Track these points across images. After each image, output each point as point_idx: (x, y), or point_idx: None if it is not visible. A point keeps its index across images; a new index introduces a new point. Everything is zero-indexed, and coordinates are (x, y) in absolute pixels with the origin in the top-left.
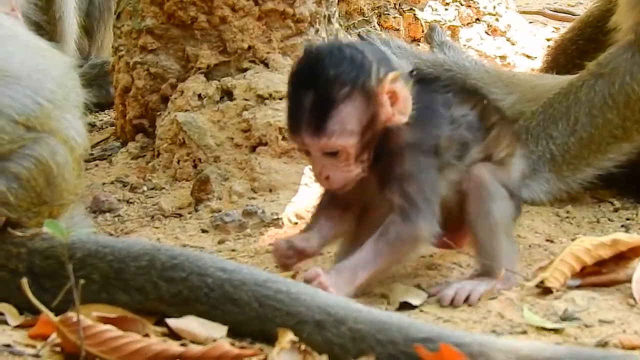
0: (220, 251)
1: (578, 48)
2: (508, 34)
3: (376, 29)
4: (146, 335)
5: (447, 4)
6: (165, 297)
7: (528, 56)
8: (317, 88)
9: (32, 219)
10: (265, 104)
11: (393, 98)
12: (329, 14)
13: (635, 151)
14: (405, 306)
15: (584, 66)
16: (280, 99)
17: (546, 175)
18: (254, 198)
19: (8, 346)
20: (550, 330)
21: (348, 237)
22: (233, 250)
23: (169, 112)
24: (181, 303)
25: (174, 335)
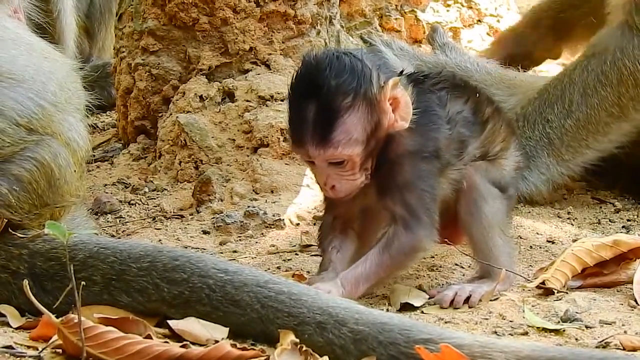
0: (221, 252)
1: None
2: None
3: (377, 31)
4: (148, 336)
5: (449, 6)
6: (166, 299)
7: None
8: (320, 99)
9: (34, 221)
10: (266, 105)
11: (394, 104)
12: (331, 16)
13: (635, 130)
14: (406, 307)
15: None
16: (281, 101)
17: (545, 161)
18: (256, 199)
19: (9, 347)
20: (551, 331)
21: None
22: (234, 251)
23: (171, 114)
24: (182, 304)
25: (176, 336)
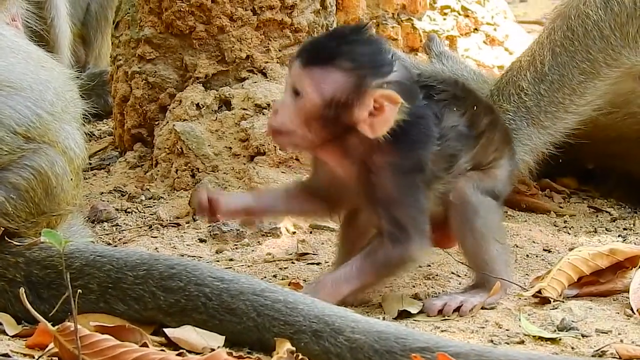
0: (218, 261)
1: None
2: (506, 44)
3: None
4: (144, 344)
5: (445, 14)
6: (163, 307)
7: None
8: (335, 43)
9: (31, 229)
10: (263, 114)
11: (377, 110)
12: (327, 24)
13: (610, 91)
14: (403, 315)
15: None
16: None
17: (526, 131)
18: None
19: (6, 355)
20: (547, 340)
21: (343, 247)
22: (231, 259)
23: (167, 122)
24: (179, 312)
25: (172, 344)
